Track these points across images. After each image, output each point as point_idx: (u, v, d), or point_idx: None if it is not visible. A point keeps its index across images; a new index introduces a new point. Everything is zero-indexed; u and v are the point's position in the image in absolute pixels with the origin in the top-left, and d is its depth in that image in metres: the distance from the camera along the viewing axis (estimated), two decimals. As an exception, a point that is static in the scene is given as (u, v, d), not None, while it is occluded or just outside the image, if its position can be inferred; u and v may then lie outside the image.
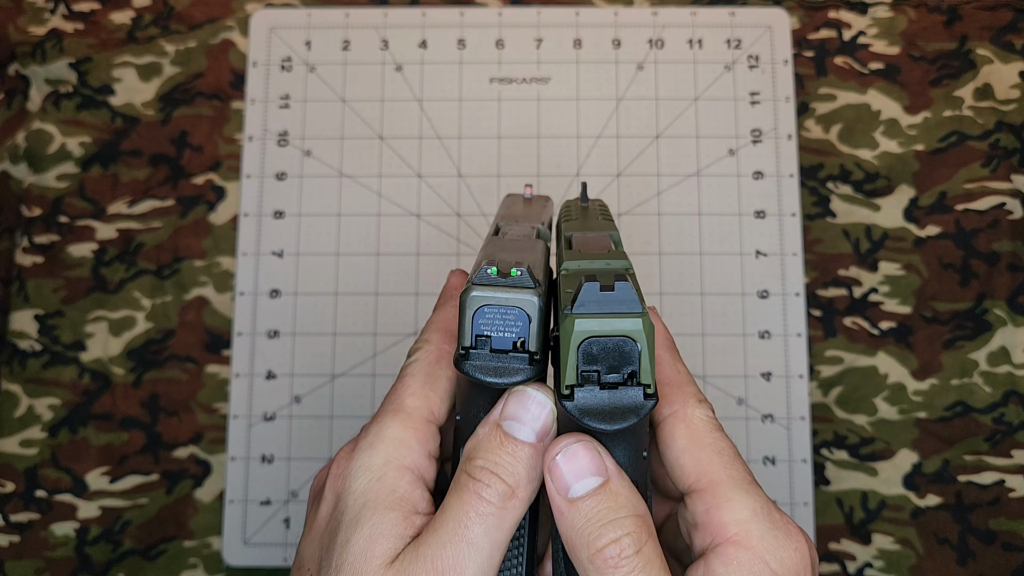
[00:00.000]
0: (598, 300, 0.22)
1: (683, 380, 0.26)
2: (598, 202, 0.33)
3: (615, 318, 0.22)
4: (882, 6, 0.51)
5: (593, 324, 0.22)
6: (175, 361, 0.48)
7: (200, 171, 0.50)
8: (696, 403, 0.25)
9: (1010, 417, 0.47)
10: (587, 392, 0.22)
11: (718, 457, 0.24)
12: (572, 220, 0.31)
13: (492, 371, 0.23)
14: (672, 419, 0.25)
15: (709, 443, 0.25)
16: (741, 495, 0.24)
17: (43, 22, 0.51)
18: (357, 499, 0.24)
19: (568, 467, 0.23)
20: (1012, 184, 0.49)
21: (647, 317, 0.22)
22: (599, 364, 0.22)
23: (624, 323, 0.22)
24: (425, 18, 0.51)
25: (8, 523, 0.47)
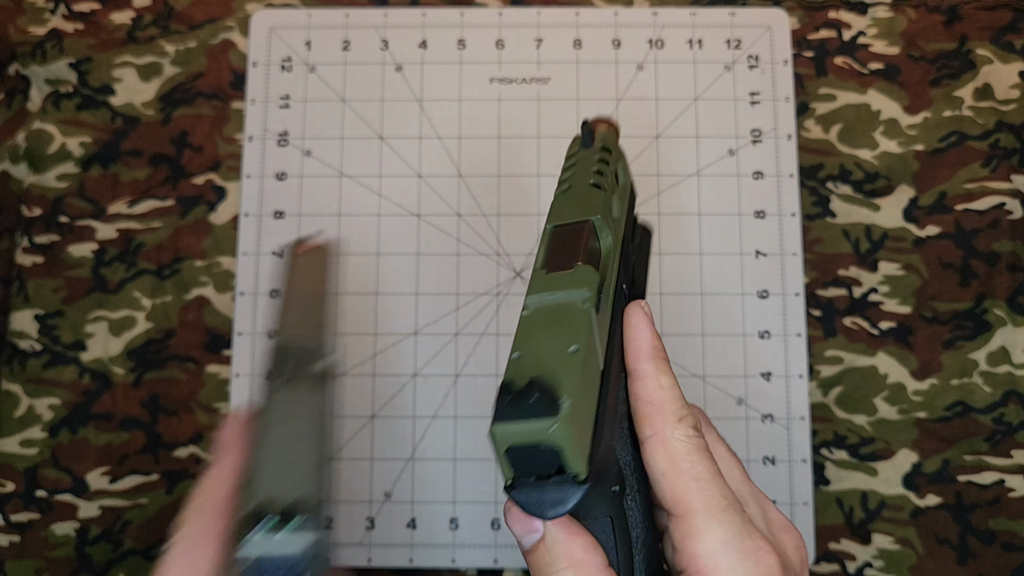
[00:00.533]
0: (516, 408, 0.22)
1: (665, 398, 0.26)
2: (601, 144, 0.32)
3: (532, 423, 0.22)
4: (882, 6, 0.51)
5: (512, 432, 0.22)
6: (175, 361, 0.48)
7: (200, 171, 0.50)
8: (676, 423, 0.26)
9: (1010, 417, 0.47)
10: (522, 488, 0.23)
11: (694, 484, 0.25)
12: (564, 183, 0.30)
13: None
14: (652, 441, 0.26)
15: (686, 468, 0.25)
16: (713, 525, 0.24)
17: (43, 22, 0.51)
18: None
19: (514, 527, 0.25)
20: (1012, 184, 0.49)
21: (562, 421, 0.22)
22: (530, 462, 0.23)
23: (540, 431, 0.22)
24: (425, 18, 0.51)
25: (8, 523, 0.47)
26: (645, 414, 0.26)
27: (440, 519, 0.46)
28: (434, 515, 0.46)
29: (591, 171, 0.30)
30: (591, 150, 0.32)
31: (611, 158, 0.32)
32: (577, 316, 0.25)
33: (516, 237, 0.49)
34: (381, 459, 0.47)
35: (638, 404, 0.26)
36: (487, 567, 0.46)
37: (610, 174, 0.31)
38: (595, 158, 0.31)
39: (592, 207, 0.29)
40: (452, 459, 0.47)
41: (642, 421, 0.26)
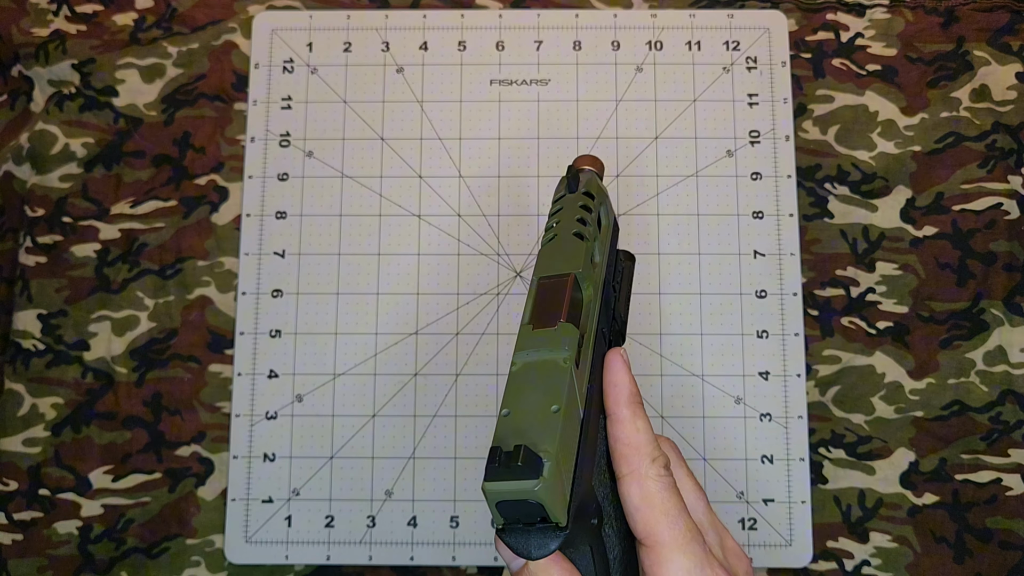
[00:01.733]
0: (504, 470, 0.25)
1: (640, 441, 0.29)
2: (584, 190, 0.33)
3: (518, 484, 0.25)
4: (879, 8, 0.51)
5: (501, 489, 0.25)
6: (178, 360, 0.48)
7: (203, 172, 0.50)
8: (649, 463, 0.29)
9: (1007, 416, 0.47)
10: (511, 533, 0.26)
11: (664, 518, 0.28)
12: (551, 231, 0.32)
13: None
14: (628, 479, 0.29)
15: (658, 503, 0.28)
16: (678, 555, 0.28)
17: (46, 24, 0.52)
18: None
19: (503, 555, 0.28)
20: (1009, 184, 0.49)
21: (543, 481, 0.25)
22: (517, 514, 0.26)
23: (525, 491, 0.25)
24: (426, 20, 0.52)
25: (11, 521, 0.47)
26: (623, 454, 0.29)
27: (441, 517, 0.46)
28: (435, 513, 0.47)
29: (575, 219, 0.32)
30: (575, 195, 0.33)
31: (594, 203, 0.33)
32: (559, 374, 0.28)
33: (516, 237, 0.49)
34: (382, 458, 0.47)
35: (616, 445, 0.29)
36: (487, 565, 0.46)
37: (593, 221, 0.33)
38: (578, 204, 0.33)
39: (575, 260, 0.31)
40: (452, 458, 0.47)
41: (619, 460, 0.29)
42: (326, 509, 0.47)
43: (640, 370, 0.47)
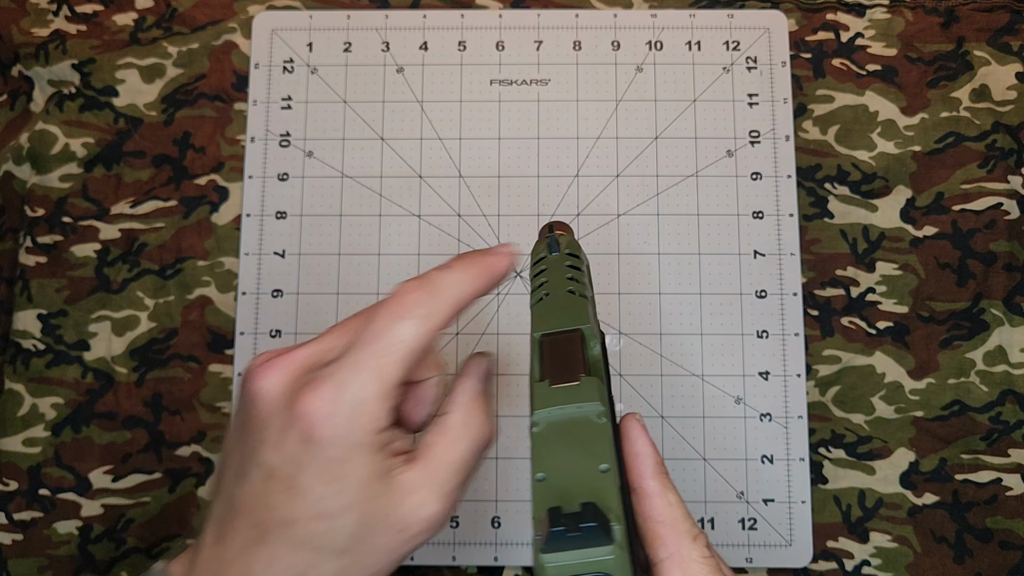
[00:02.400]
0: (570, 537, 0.22)
1: (677, 516, 0.26)
2: (567, 250, 0.32)
3: (584, 554, 0.22)
4: (879, 8, 0.51)
5: (567, 561, 0.22)
6: (178, 360, 0.48)
7: (203, 172, 0.50)
8: (690, 543, 0.25)
9: (1007, 416, 0.47)
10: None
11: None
12: (541, 290, 0.31)
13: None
14: (668, 564, 0.25)
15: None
16: None
17: (46, 24, 0.52)
18: (343, 457, 0.27)
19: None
20: (1009, 185, 0.49)
21: (618, 548, 0.22)
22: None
23: (598, 561, 0.22)
24: (426, 20, 0.52)
25: (11, 521, 0.47)
26: (658, 534, 0.26)
27: (441, 517, 0.46)
28: (435, 513, 0.46)
29: (565, 277, 0.31)
30: (559, 256, 0.32)
31: (581, 264, 0.32)
32: (596, 431, 0.25)
33: (516, 237, 0.49)
34: (382, 458, 0.47)
35: (648, 523, 0.26)
36: (487, 565, 0.46)
37: (583, 280, 0.31)
38: (565, 264, 0.31)
39: (578, 316, 0.29)
40: (452, 458, 0.47)
41: (655, 542, 0.25)
42: None
43: (640, 370, 0.48)
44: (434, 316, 0.28)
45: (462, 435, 0.29)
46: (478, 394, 0.30)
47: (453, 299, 0.29)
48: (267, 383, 0.28)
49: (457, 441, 0.29)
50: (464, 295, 0.29)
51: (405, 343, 0.27)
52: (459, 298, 0.29)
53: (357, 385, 0.27)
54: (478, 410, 0.29)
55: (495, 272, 0.30)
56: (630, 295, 0.48)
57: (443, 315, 0.28)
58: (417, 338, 0.28)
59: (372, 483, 0.27)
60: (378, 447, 0.27)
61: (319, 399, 0.27)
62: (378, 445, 0.27)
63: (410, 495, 0.27)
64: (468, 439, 0.29)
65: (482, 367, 0.31)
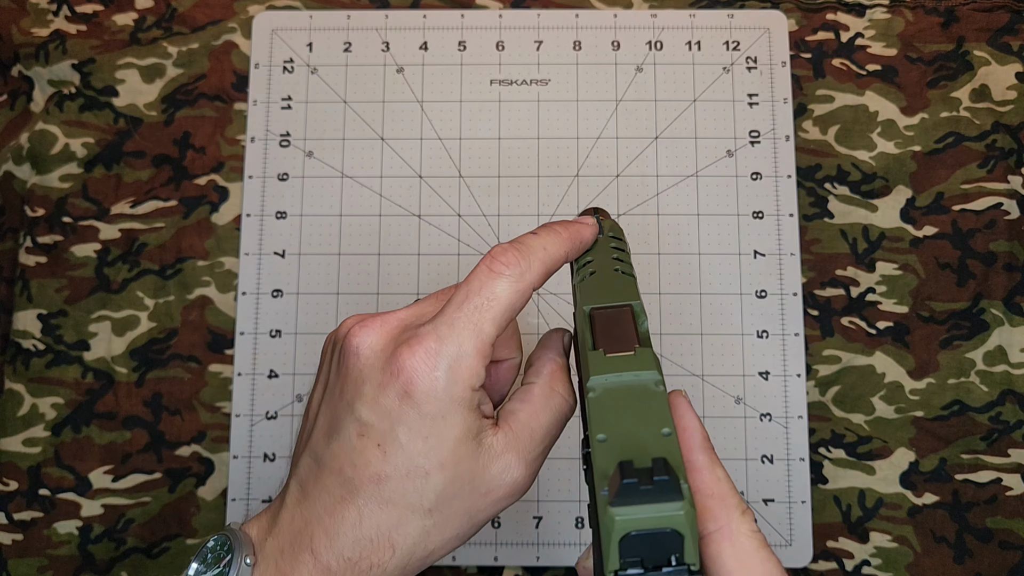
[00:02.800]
0: (636, 492, 0.21)
1: (725, 491, 0.25)
2: (611, 233, 0.32)
3: (655, 508, 0.21)
4: (879, 8, 0.51)
5: (633, 519, 0.21)
6: (178, 360, 0.48)
7: (203, 172, 0.50)
8: (740, 517, 0.25)
9: (1007, 416, 0.47)
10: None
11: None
12: (587, 268, 0.31)
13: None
14: (717, 536, 0.25)
15: (756, 565, 0.24)
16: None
17: (46, 24, 0.52)
18: (441, 412, 0.27)
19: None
20: (1009, 185, 0.49)
21: (688, 504, 0.21)
22: (641, 551, 0.22)
23: (665, 517, 0.21)
24: (426, 20, 0.52)
25: (11, 521, 0.47)
26: (707, 507, 0.25)
27: (441, 517, 0.46)
28: (435, 513, 0.46)
29: (612, 258, 0.31)
30: (604, 237, 0.32)
31: (625, 246, 0.32)
32: (654, 397, 0.25)
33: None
34: (382, 458, 0.47)
35: (696, 497, 0.25)
36: (487, 565, 0.46)
37: (628, 260, 0.31)
38: (610, 245, 0.32)
39: (628, 293, 0.29)
40: (452, 458, 0.47)
41: (704, 515, 0.25)
42: None
43: (640, 370, 0.47)
44: (526, 275, 0.29)
45: (546, 405, 0.30)
46: (560, 367, 0.31)
47: (544, 260, 0.30)
48: (366, 340, 0.28)
49: (542, 410, 0.29)
50: (554, 257, 0.30)
51: (500, 300, 0.28)
52: (550, 260, 0.30)
53: (455, 341, 0.27)
54: (560, 381, 0.30)
55: (582, 238, 0.32)
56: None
57: (535, 275, 0.29)
58: (511, 295, 0.28)
59: (465, 442, 0.27)
60: (473, 405, 0.28)
61: (418, 355, 0.27)
62: (473, 403, 0.28)
63: (497, 458, 0.28)
64: (552, 409, 0.30)
65: (562, 341, 0.32)
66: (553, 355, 0.31)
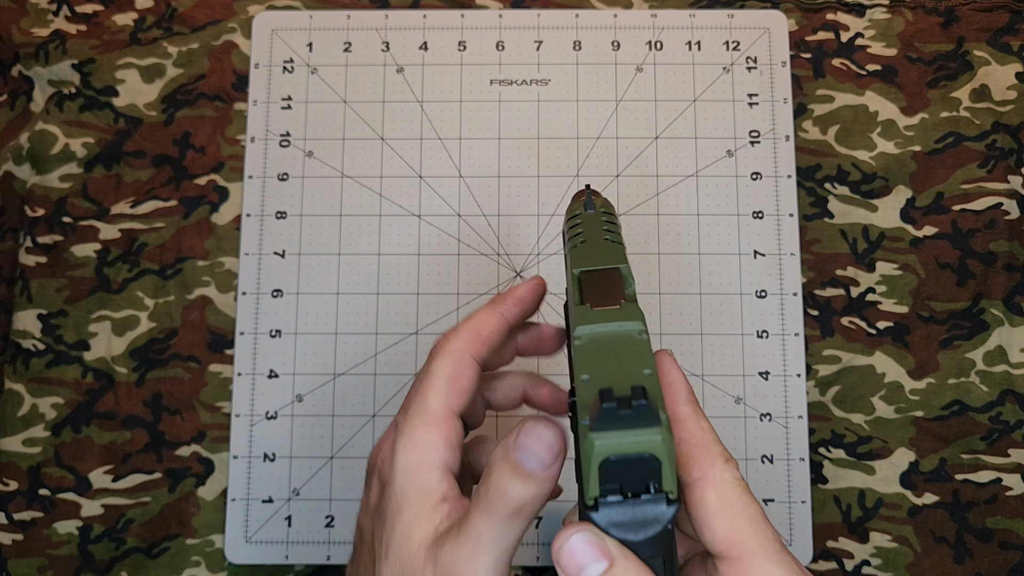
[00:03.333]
0: (615, 418, 0.22)
1: (709, 440, 0.26)
2: (603, 208, 0.33)
3: (634, 435, 0.22)
4: (879, 8, 0.51)
5: (612, 443, 0.22)
6: (178, 360, 0.48)
7: (203, 172, 0.50)
8: (724, 464, 0.26)
9: (1007, 416, 0.47)
10: (610, 506, 0.23)
11: (749, 525, 0.25)
12: (578, 237, 0.32)
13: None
14: (701, 483, 0.25)
15: (740, 509, 0.25)
16: (773, 567, 0.24)
17: (46, 24, 0.52)
18: (397, 494, 0.29)
19: (574, 555, 0.23)
20: (1009, 184, 0.49)
21: (665, 431, 0.22)
22: (620, 478, 0.22)
23: (643, 441, 0.22)
24: (426, 20, 0.52)
25: (11, 521, 0.47)
26: (691, 455, 0.26)
27: (441, 517, 0.46)
28: (435, 513, 0.46)
29: (603, 229, 0.32)
30: (595, 212, 0.33)
31: (616, 220, 0.33)
32: (638, 344, 0.25)
33: (516, 237, 0.49)
34: (382, 458, 0.47)
35: (681, 447, 0.26)
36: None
37: (618, 233, 0.32)
38: (601, 219, 0.32)
39: (616, 257, 0.30)
40: (452, 458, 0.47)
41: (688, 463, 0.26)
42: (326, 509, 0.47)
43: (640, 370, 0.47)
44: (453, 342, 0.31)
45: (495, 506, 0.27)
46: (505, 457, 0.27)
47: (471, 326, 0.31)
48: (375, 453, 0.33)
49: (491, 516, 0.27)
50: (483, 320, 0.32)
51: (436, 373, 0.31)
52: (478, 323, 0.31)
53: (407, 425, 0.30)
54: (505, 474, 0.27)
55: (514, 295, 0.33)
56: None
57: (461, 340, 0.31)
58: (444, 365, 0.31)
59: (422, 549, 0.28)
60: (435, 498, 0.28)
61: (383, 447, 0.33)
62: (435, 494, 0.28)
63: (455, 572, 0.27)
64: (502, 511, 0.27)
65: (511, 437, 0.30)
66: (500, 449, 0.28)
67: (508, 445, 0.26)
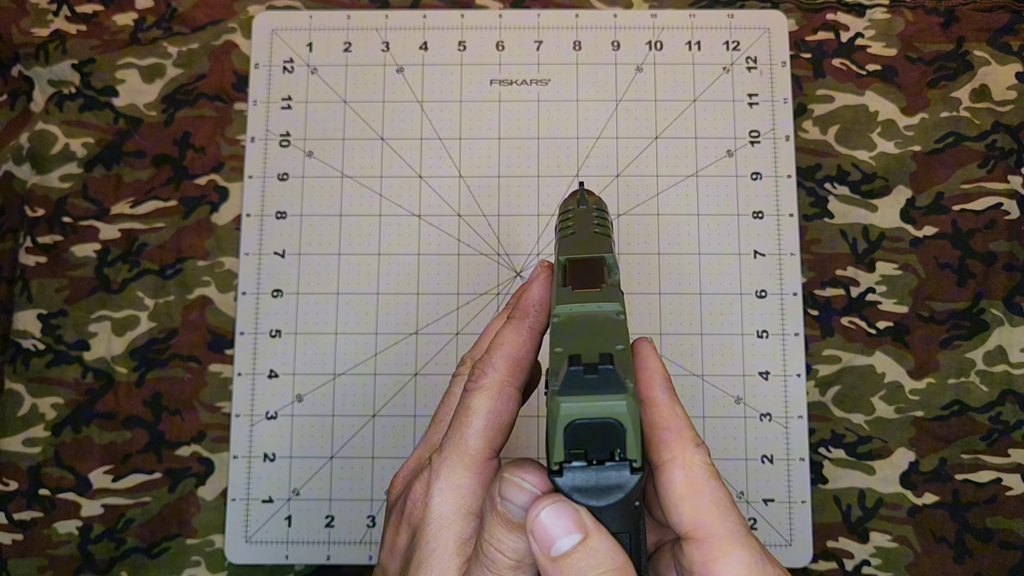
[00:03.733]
0: (582, 383, 0.23)
1: (681, 424, 0.26)
2: (595, 205, 0.34)
3: (599, 400, 0.22)
4: (879, 8, 0.51)
5: (577, 407, 0.22)
6: (178, 360, 0.48)
7: (203, 172, 0.50)
8: (694, 448, 0.26)
9: (1007, 416, 0.47)
10: (575, 471, 0.23)
11: (716, 508, 0.25)
12: (568, 229, 0.32)
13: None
14: (671, 465, 0.25)
15: (707, 492, 0.25)
16: (738, 549, 0.25)
17: (46, 23, 0.52)
18: (428, 543, 0.27)
19: (548, 528, 0.23)
20: (1009, 185, 0.49)
21: (631, 398, 0.23)
22: (585, 443, 0.23)
23: (608, 406, 0.22)
24: (426, 20, 0.52)
25: (12, 521, 0.47)
26: (662, 439, 0.26)
27: (441, 517, 0.46)
28: (435, 513, 0.46)
29: (592, 222, 0.32)
30: (587, 208, 0.33)
31: (607, 217, 0.34)
32: (614, 324, 0.26)
33: (516, 237, 0.49)
34: (382, 458, 0.47)
35: (652, 431, 0.26)
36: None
37: (608, 227, 0.33)
38: (592, 214, 0.33)
39: (601, 247, 0.30)
40: (452, 458, 0.47)
41: (659, 446, 0.26)
42: (326, 509, 0.47)
43: (640, 370, 0.47)
44: (493, 376, 0.29)
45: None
46: (492, 511, 0.26)
47: (505, 355, 0.30)
48: (391, 490, 0.32)
49: None
50: (515, 344, 0.30)
51: (479, 412, 0.29)
52: (511, 349, 0.30)
53: (445, 466, 0.29)
54: (496, 529, 0.26)
55: (529, 298, 0.31)
56: (630, 295, 0.48)
57: (501, 374, 0.29)
58: (487, 403, 0.29)
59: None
60: (463, 538, 0.28)
61: (416, 490, 0.31)
62: (464, 535, 0.28)
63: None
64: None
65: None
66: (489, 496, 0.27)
67: (493, 496, 0.25)
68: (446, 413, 0.31)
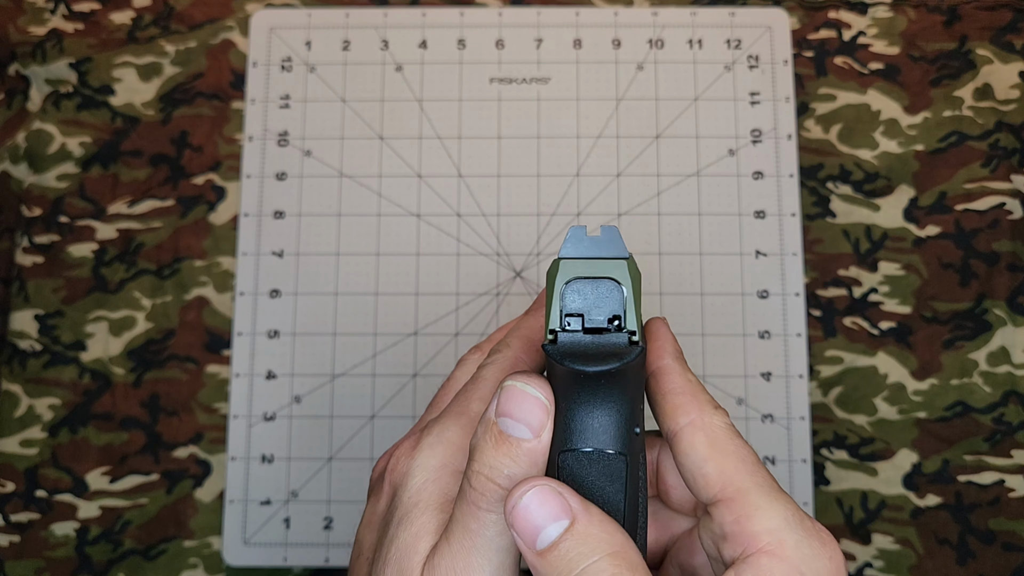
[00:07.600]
0: (584, 244, 0.23)
1: (696, 388, 0.25)
2: None
3: (600, 261, 0.22)
4: (882, 6, 0.51)
5: (578, 266, 0.22)
6: (175, 361, 0.48)
7: (200, 171, 0.50)
8: (712, 410, 0.24)
9: (1010, 417, 0.47)
10: (570, 335, 0.22)
11: (742, 464, 0.23)
12: None
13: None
14: (690, 428, 0.24)
15: (732, 450, 0.24)
16: (771, 503, 0.23)
17: (43, 22, 0.51)
18: (411, 497, 0.25)
19: (529, 517, 0.21)
20: (1012, 184, 0.49)
21: (631, 261, 0.23)
22: (583, 309, 0.22)
23: (608, 266, 0.22)
24: (425, 18, 0.51)
25: (8, 523, 0.47)
26: (678, 404, 0.24)
27: (440, 519, 0.46)
28: (434, 515, 0.46)
29: None
30: None
31: None
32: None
33: (516, 237, 0.49)
34: (381, 459, 0.47)
35: (668, 397, 0.25)
36: (487, 567, 0.46)
37: None
38: None
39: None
40: (452, 459, 0.47)
41: (675, 412, 0.24)
42: (325, 511, 0.46)
43: (641, 371, 0.47)
44: (507, 352, 0.28)
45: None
46: (487, 432, 0.24)
47: (521, 334, 0.29)
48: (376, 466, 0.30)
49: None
50: (531, 326, 0.29)
51: (487, 379, 0.28)
52: (527, 329, 0.29)
53: (437, 427, 0.27)
54: (488, 452, 0.24)
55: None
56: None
57: (515, 349, 0.28)
58: (497, 372, 0.28)
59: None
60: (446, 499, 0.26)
61: (399, 452, 0.29)
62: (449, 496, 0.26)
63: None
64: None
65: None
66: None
67: (488, 417, 0.23)
68: (443, 397, 0.29)
